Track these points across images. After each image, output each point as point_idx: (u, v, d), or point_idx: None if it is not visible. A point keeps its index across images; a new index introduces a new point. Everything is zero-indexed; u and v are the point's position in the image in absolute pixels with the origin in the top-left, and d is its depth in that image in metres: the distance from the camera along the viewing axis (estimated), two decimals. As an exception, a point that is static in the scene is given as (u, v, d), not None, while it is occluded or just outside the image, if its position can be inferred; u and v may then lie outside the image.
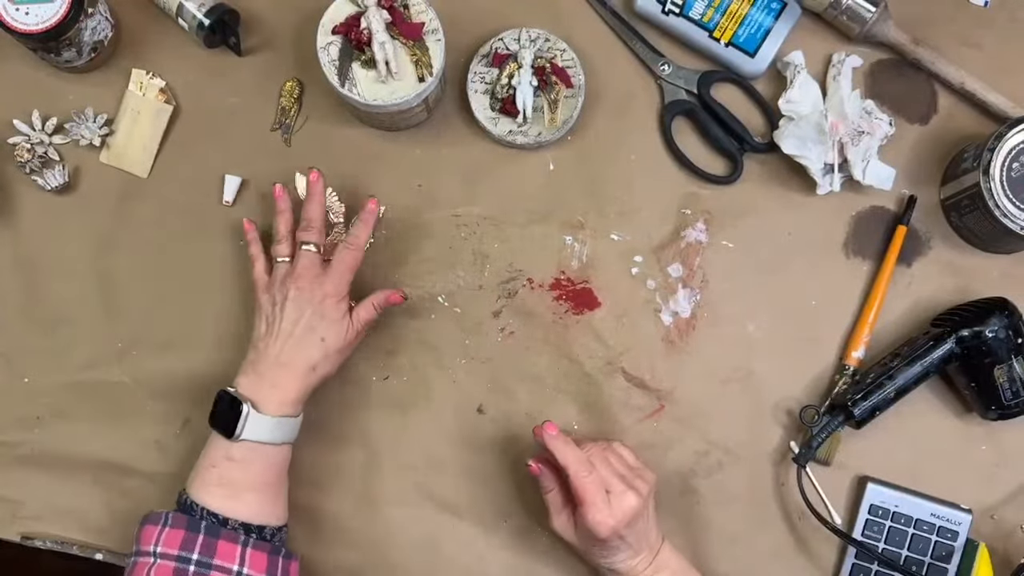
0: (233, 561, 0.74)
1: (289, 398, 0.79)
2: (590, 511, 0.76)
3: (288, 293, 0.80)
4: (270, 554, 0.77)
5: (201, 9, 0.88)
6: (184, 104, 0.91)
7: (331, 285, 0.81)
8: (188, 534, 0.74)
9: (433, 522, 0.88)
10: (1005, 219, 0.84)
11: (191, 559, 0.73)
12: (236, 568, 0.74)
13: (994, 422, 0.87)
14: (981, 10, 0.93)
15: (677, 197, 0.91)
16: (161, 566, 0.73)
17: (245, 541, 0.75)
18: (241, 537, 0.76)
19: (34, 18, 0.83)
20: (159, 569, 0.73)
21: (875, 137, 0.89)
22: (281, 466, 0.80)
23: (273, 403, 0.78)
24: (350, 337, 0.82)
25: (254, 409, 0.77)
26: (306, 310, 0.80)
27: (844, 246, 0.91)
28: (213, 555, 0.74)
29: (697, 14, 0.90)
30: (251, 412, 0.76)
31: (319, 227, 0.83)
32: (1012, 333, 0.84)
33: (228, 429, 0.76)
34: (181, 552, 0.73)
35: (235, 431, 0.76)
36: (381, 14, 0.83)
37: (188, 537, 0.74)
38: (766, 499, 0.89)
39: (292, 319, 0.79)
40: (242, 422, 0.76)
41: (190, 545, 0.74)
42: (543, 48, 0.90)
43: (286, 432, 0.79)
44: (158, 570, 0.73)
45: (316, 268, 0.82)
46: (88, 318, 0.89)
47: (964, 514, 0.87)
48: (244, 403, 0.76)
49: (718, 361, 0.90)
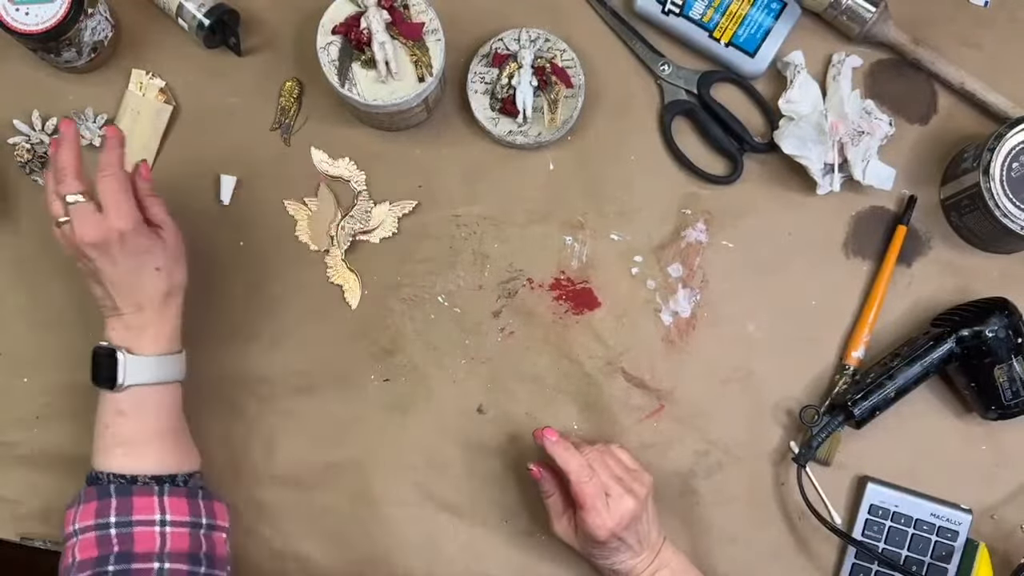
0: (153, 512, 0.74)
1: (162, 332, 0.77)
2: (589, 515, 0.77)
3: (89, 253, 0.75)
4: (188, 498, 0.76)
5: (201, 9, 0.88)
6: (184, 104, 0.91)
7: (118, 221, 0.74)
8: (100, 503, 0.73)
9: (433, 522, 0.88)
10: (1005, 219, 0.84)
11: (110, 523, 0.72)
12: (158, 517, 0.74)
13: (994, 422, 0.87)
14: (981, 10, 0.93)
15: (677, 197, 0.91)
16: (83, 540, 0.72)
17: (160, 491, 0.75)
18: (155, 488, 0.74)
19: (34, 18, 0.83)
20: (82, 544, 0.72)
21: (875, 137, 0.89)
22: (173, 409, 0.79)
23: (147, 343, 0.76)
24: (172, 241, 0.79)
25: (131, 354, 0.76)
26: (118, 257, 0.75)
27: (844, 246, 0.91)
28: (131, 512, 0.73)
29: (697, 14, 0.90)
30: (128, 356, 0.75)
31: (73, 173, 0.74)
32: (1012, 333, 0.84)
33: (111, 380, 0.75)
34: (98, 520, 0.73)
35: (117, 379, 0.75)
36: (381, 14, 0.83)
37: (101, 505, 0.73)
38: (766, 499, 0.89)
39: (113, 272, 0.75)
40: (122, 368, 0.75)
41: (105, 511, 0.73)
42: (543, 48, 0.90)
43: (170, 370, 0.78)
44: (81, 545, 0.72)
45: (94, 215, 0.74)
46: (87, 318, 0.89)
47: (964, 514, 0.87)
48: (119, 351, 0.75)
49: (718, 361, 0.90)
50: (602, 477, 0.78)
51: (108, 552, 0.72)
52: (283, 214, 0.90)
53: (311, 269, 0.90)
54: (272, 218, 0.91)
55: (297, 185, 0.91)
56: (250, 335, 0.89)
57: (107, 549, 0.72)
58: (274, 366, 0.89)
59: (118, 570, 0.71)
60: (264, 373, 0.89)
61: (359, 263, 0.90)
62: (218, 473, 0.87)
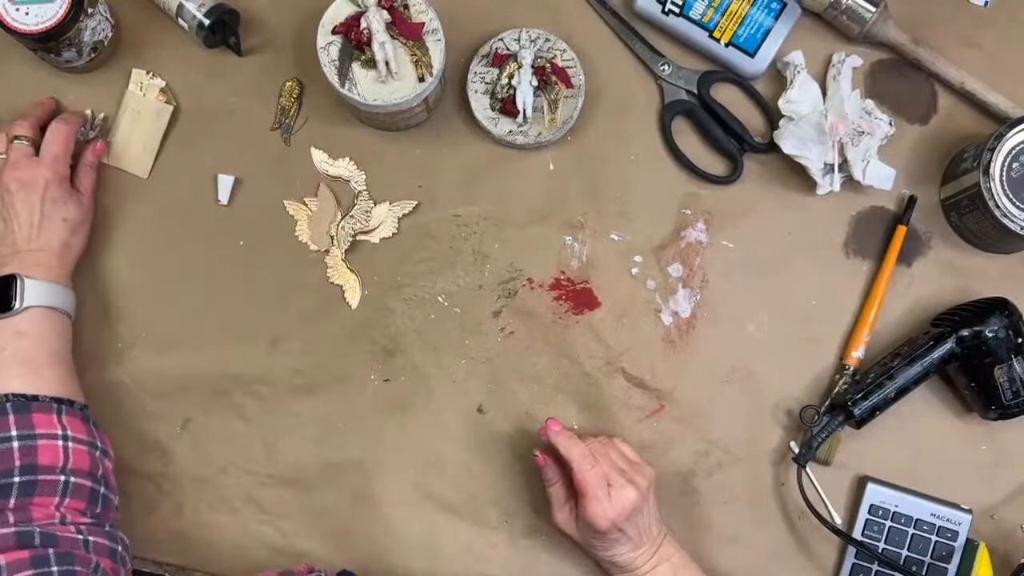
0: (55, 427, 0.75)
1: (55, 271, 0.82)
2: (591, 504, 0.77)
3: (11, 187, 0.82)
4: (83, 422, 0.78)
5: (201, 9, 0.88)
6: (184, 104, 0.91)
7: (47, 169, 0.83)
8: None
9: (433, 522, 0.88)
10: (1005, 219, 0.84)
11: (11, 437, 0.73)
12: (60, 432, 0.75)
13: (994, 422, 0.87)
14: (981, 10, 0.93)
15: (677, 197, 0.91)
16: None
17: (58, 410, 0.77)
18: (53, 406, 0.77)
19: (34, 18, 0.83)
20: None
21: (875, 137, 0.89)
22: (67, 339, 0.83)
23: (41, 273, 0.81)
24: (85, 207, 0.86)
25: (28, 279, 0.79)
26: (34, 200, 0.82)
27: (844, 246, 0.91)
28: (32, 428, 0.74)
29: (697, 14, 0.90)
30: (26, 280, 0.79)
31: (31, 122, 0.85)
32: (1012, 333, 0.84)
33: (6, 304, 0.78)
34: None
35: (15, 301, 0.78)
36: (381, 14, 0.83)
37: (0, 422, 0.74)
38: (766, 499, 0.89)
39: (26, 212, 0.82)
40: (18, 290, 0.79)
41: (4, 426, 0.74)
42: (543, 48, 0.90)
43: (64, 299, 0.82)
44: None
45: (29, 158, 0.83)
46: (88, 318, 0.89)
47: (964, 514, 0.87)
48: (17, 276, 0.79)
49: (718, 361, 0.90)
50: (604, 467, 0.79)
51: (11, 466, 0.73)
52: (283, 214, 0.90)
53: (311, 269, 0.90)
54: (272, 218, 0.91)
55: (297, 185, 0.91)
56: (250, 335, 0.89)
57: (9, 464, 0.73)
58: (274, 366, 0.89)
59: (24, 481, 0.73)
60: (264, 373, 0.89)
61: (359, 263, 0.90)
62: (218, 473, 0.88)
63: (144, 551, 0.87)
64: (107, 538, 0.75)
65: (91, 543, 0.73)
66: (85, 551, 0.72)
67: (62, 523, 0.73)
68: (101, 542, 0.74)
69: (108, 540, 0.75)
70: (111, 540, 0.76)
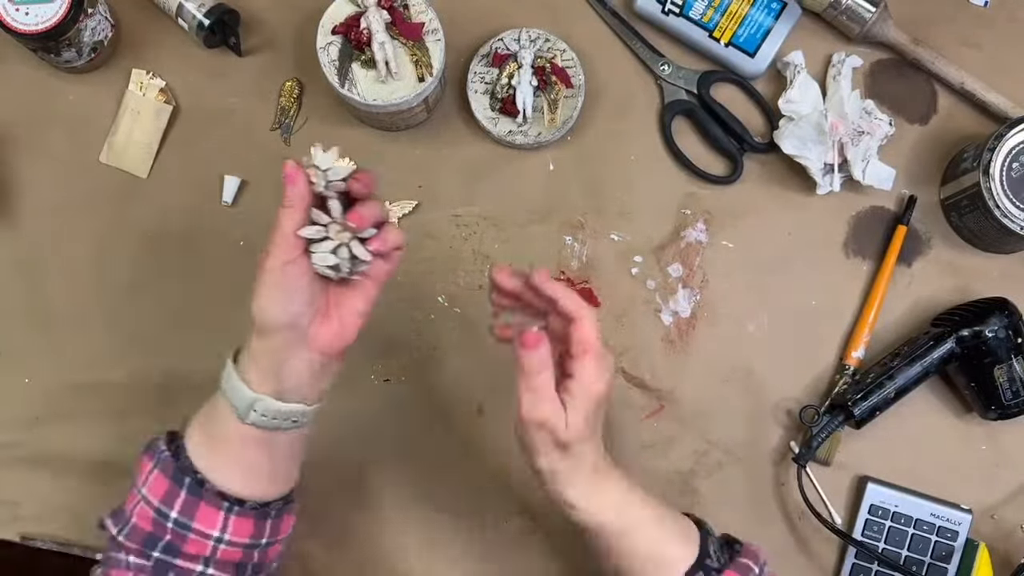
0: (214, 528, 0.69)
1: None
2: (603, 360, 0.68)
3: None
4: (256, 519, 0.70)
5: (201, 9, 0.88)
6: (184, 104, 0.91)
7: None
8: (170, 487, 0.68)
9: (433, 522, 0.88)
10: (1005, 219, 0.84)
11: (169, 516, 0.68)
12: (216, 535, 0.69)
13: (994, 422, 0.87)
14: (981, 10, 0.93)
15: (677, 197, 0.91)
16: (143, 509, 0.69)
17: (228, 509, 0.69)
18: (223, 505, 0.69)
19: (34, 18, 0.83)
20: (141, 512, 0.69)
21: (875, 137, 0.89)
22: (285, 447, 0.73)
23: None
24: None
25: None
26: None
27: (844, 246, 0.91)
28: (193, 518, 0.68)
29: (697, 14, 0.90)
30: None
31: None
32: (1012, 333, 0.84)
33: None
34: (161, 505, 0.69)
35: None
36: (381, 14, 0.83)
37: (170, 491, 0.69)
38: (766, 499, 0.89)
39: None
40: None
41: (171, 501, 0.68)
42: (543, 48, 0.90)
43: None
44: (141, 512, 0.69)
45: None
46: (87, 318, 0.89)
47: (964, 514, 0.87)
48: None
49: (718, 361, 0.90)
50: None
51: (160, 537, 0.69)
52: (283, 214, 0.90)
53: (311, 269, 0.90)
54: (272, 218, 0.90)
55: (297, 185, 0.91)
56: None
57: (160, 533, 0.69)
58: (274, 366, 0.89)
59: (161, 559, 0.69)
60: (264, 373, 0.89)
61: (359, 263, 0.90)
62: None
63: (144, 551, 0.87)
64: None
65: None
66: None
67: None
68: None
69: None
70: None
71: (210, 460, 0.70)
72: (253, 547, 0.71)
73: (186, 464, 0.70)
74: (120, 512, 0.71)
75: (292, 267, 0.66)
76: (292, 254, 0.66)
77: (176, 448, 0.71)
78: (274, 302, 0.66)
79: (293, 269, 0.66)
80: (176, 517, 0.68)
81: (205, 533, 0.69)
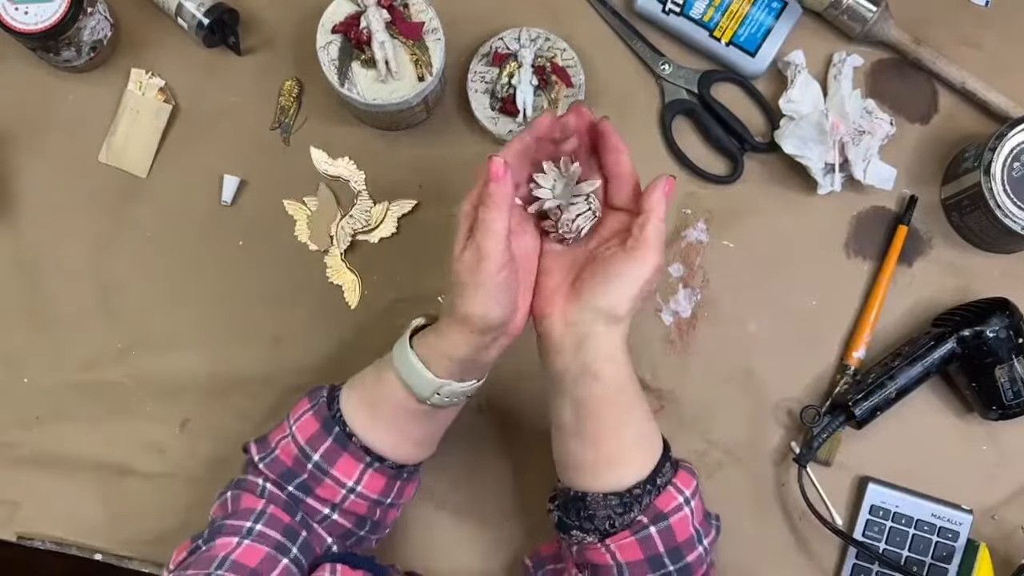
0: (350, 477, 0.71)
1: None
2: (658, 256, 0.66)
3: None
4: (389, 478, 0.73)
5: (200, 9, 0.88)
6: (183, 104, 0.91)
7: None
8: (320, 429, 0.72)
9: (433, 522, 0.88)
10: (1006, 219, 0.84)
11: (311, 457, 0.71)
12: (350, 484, 0.71)
13: (995, 422, 0.87)
14: (981, 10, 0.93)
15: (678, 197, 0.91)
16: (287, 445, 0.72)
17: (368, 463, 0.72)
18: (365, 459, 0.72)
19: (33, 17, 0.83)
20: (285, 448, 0.72)
21: (876, 137, 0.88)
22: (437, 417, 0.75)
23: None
24: None
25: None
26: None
27: (845, 246, 0.91)
28: (331, 465, 0.71)
29: (698, 13, 0.90)
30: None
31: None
32: (1013, 333, 0.84)
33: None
34: (307, 444, 0.71)
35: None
36: (381, 13, 0.83)
37: (318, 434, 0.71)
38: (767, 499, 0.89)
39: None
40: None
41: (317, 444, 0.71)
42: (543, 47, 0.90)
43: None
44: (285, 448, 0.72)
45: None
46: (88, 318, 0.89)
47: (965, 514, 0.87)
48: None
49: (718, 361, 0.90)
50: None
51: (298, 474, 0.72)
52: (282, 214, 0.90)
53: (311, 269, 0.90)
54: (271, 218, 0.90)
55: (297, 185, 0.91)
56: (250, 335, 0.89)
57: (299, 471, 0.72)
58: (274, 366, 0.89)
59: (294, 494, 0.72)
60: (264, 373, 0.89)
61: (359, 263, 0.90)
62: (217, 473, 0.87)
63: (142, 551, 0.87)
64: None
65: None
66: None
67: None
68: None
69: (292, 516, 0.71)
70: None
71: (368, 423, 0.72)
72: (378, 504, 0.74)
73: (339, 415, 0.72)
74: (265, 441, 0.74)
75: (508, 268, 0.65)
76: (506, 257, 0.64)
77: (333, 399, 0.73)
78: (498, 304, 0.65)
79: (509, 269, 0.65)
80: (317, 460, 0.71)
81: (341, 481, 0.71)
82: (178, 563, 0.69)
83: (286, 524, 0.70)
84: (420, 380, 0.69)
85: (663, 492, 0.68)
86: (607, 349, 0.66)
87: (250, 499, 0.71)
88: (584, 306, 0.66)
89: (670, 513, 0.67)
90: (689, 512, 0.68)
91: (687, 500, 0.68)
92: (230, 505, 0.72)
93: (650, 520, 0.67)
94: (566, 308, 0.67)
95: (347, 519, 0.73)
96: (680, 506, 0.68)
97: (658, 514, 0.67)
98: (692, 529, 0.68)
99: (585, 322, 0.66)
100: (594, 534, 0.68)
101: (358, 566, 0.71)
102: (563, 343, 0.67)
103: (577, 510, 0.69)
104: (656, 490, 0.67)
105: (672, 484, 0.68)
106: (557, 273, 0.69)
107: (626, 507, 0.67)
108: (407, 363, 0.69)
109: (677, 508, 0.67)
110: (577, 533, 0.69)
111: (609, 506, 0.67)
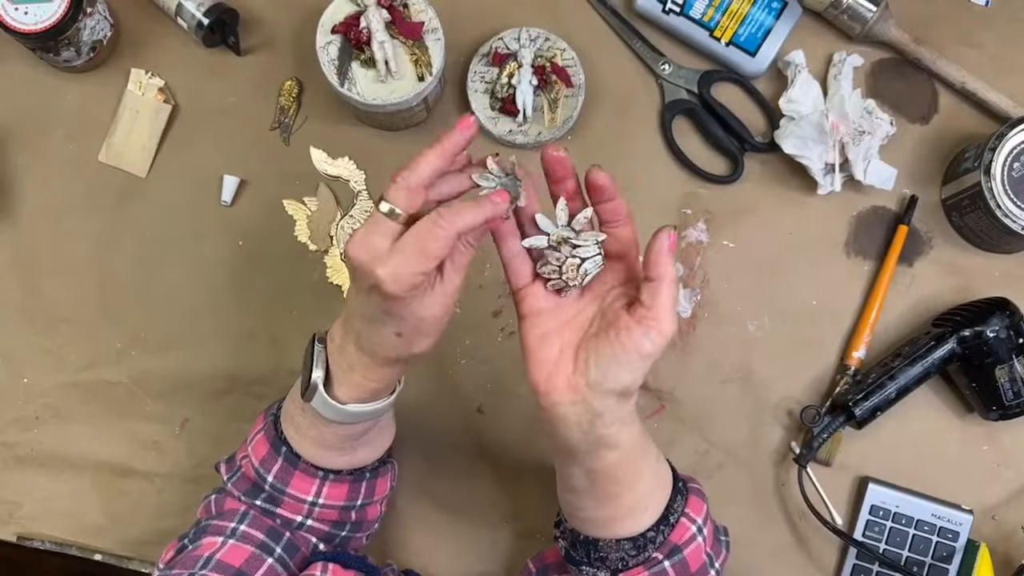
0: (308, 494, 0.71)
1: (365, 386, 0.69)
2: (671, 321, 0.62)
3: (352, 264, 0.63)
4: (351, 483, 0.73)
5: (200, 9, 0.88)
6: (183, 104, 0.91)
7: (399, 267, 0.61)
8: (269, 452, 0.71)
9: (433, 522, 0.88)
10: (1006, 219, 0.84)
11: (266, 479, 0.71)
12: (310, 500, 0.71)
13: (995, 422, 0.87)
14: (982, 10, 0.93)
15: (677, 197, 0.91)
16: (247, 465, 0.72)
17: (323, 476, 0.71)
18: (318, 474, 0.71)
19: (33, 18, 0.83)
20: (246, 465, 0.73)
21: (876, 137, 0.88)
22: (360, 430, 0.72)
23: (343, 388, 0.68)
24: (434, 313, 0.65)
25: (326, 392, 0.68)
26: (362, 297, 0.65)
27: (845, 246, 0.91)
28: (287, 484, 0.71)
29: (698, 13, 0.90)
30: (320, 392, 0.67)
31: (417, 181, 0.60)
32: (1013, 333, 0.84)
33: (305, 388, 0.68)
34: (260, 467, 0.71)
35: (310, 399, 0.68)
36: (380, 13, 0.83)
37: (267, 456, 0.71)
38: (767, 499, 0.89)
39: (353, 305, 0.67)
40: (315, 396, 0.67)
41: (269, 465, 0.71)
42: (543, 47, 0.90)
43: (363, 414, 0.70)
44: (246, 465, 0.73)
45: (382, 239, 0.61)
46: (87, 318, 0.89)
47: (965, 514, 0.87)
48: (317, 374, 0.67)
49: (719, 361, 0.90)
50: None
51: (260, 492, 0.72)
52: (282, 214, 0.90)
53: (310, 269, 0.90)
54: (271, 218, 0.90)
55: (297, 185, 0.91)
56: (249, 335, 0.89)
57: (259, 491, 0.72)
58: (274, 366, 0.89)
59: (264, 507, 0.72)
60: (264, 373, 0.89)
61: (359, 263, 0.90)
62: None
63: (142, 551, 0.87)
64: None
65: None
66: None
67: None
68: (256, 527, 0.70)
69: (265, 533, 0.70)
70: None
71: (301, 445, 0.71)
72: (349, 508, 0.73)
73: (283, 435, 0.72)
74: (232, 460, 0.75)
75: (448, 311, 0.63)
76: (453, 299, 0.62)
77: (279, 417, 0.73)
78: (431, 340, 0.64)
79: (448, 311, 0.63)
80: (272, 481, 0.71)
81: (300, 498, 0.71)
82: (166, 561, 0.70)
83: (270, 526, 0.71)
84: (326, 409, 0.66)
85: (676, 526, 0.66)
86: (621, 416, 0.62)
87: (233, 502, 0.72)
88: (595, 388, 0.60)
89: (684, 545, 0.66)
90: (702, 540, 0.67)
91: (700, 528, 0.67)
92: (214, 507, 0.73)
93: (664, 556, 0.65)
94: (572, 385, 0.61)
95: (323, 524, 0.73)
96: (693, 536, 0.66)
97: (672, 548, 0.65)
98: (704, 556, 0.67)
99: (597, 399, 0.61)
100: (605, 571, 0.67)
101: (350, 566, 0.71)
102: (571, 420, 0.61)
103: (587, 551, 0.67)
104: (670, 527, 0.66)
105: (685, 515, 0.67)
106: (555, 341, 0.63)
107: (639, 549, 0.65)
108: (311, 392, 0.66)
109: (691, 539, 0.66)
110: (587, 569, 0.67)
111: (623, 549, 0.65)
